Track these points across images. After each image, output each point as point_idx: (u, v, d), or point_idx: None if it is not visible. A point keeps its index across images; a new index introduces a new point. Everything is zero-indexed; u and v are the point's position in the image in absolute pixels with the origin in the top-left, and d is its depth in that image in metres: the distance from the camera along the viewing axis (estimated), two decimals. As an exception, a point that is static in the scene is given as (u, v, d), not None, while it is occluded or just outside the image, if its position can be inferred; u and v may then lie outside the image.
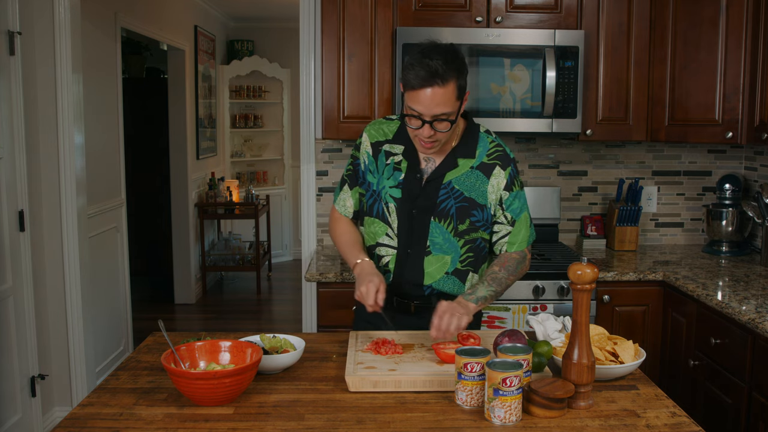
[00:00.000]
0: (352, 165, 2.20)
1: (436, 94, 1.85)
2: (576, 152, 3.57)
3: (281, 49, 7.91)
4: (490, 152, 2.06)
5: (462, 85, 1.90)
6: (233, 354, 1.74)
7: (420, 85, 1.85)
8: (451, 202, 2.04)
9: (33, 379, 3.34)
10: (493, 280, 2.03)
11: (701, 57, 3.08)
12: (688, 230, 3.65)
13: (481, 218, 2.06)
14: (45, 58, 3.42)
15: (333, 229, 2.25)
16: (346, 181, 2.22)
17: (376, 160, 2.12)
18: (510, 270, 2.07)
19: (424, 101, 1.86)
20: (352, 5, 3.09)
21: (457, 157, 2.05)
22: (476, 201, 2.05)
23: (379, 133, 2.13)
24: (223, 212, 6.65)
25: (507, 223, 2.08)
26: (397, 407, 1.61)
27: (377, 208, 2.12)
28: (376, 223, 2.13)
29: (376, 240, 2.13)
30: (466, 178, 2.05)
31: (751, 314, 2.30)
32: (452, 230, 2.05)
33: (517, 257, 2.10)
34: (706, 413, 2.61)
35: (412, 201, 2.06)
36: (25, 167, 3.25)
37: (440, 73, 1.83)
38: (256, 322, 5.83)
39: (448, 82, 1.85)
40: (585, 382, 1.60)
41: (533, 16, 3.12)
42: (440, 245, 2.07)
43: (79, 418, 1.56)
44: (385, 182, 2.10)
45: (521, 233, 2.09)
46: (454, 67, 1.86)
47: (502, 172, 2.05)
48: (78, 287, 3.61)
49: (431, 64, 1.83)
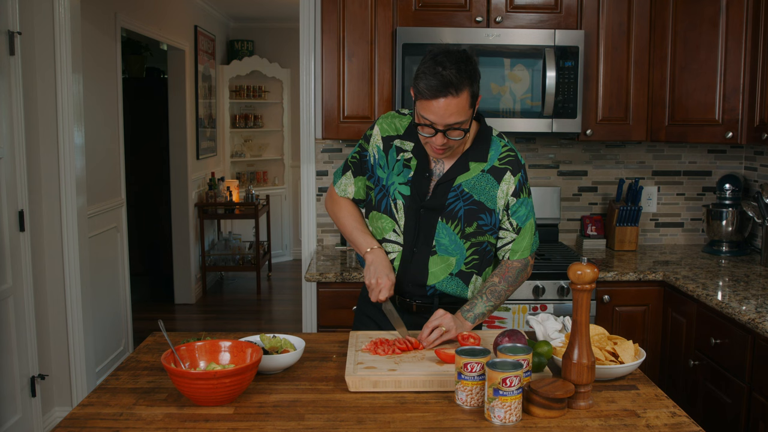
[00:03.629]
0: (358, 154, 2.16)
1: (450, 105, 1.82)
2: (576, 152, 3.57)
3: (281, 49, 7.91)
4: (502, 156, 2.04)
5: (475, 92, 1.87)
6: (233, 354, 1.74)
7: (433, 96, 1.82)
8: (459, 204, 2.03)
9: (33, 379, 3.34)
10: (492, 293, 2.03)
11: (701, 57, 3.08)
12: (688, 230, 3.65)
13: (488, 222, 2.05)
14: (45, 58, 3.42)
15: (334, 209, 2.21)
16: (350, 167, 2.18)
17: (387, 154, 2.10)
18: (510, 281, 2.07)
19: (438, 111, 1.84)
20: (352, 5, 3.09)
21: (469, 160, 2.03)
22: (485, 205, 2.04)
23: (390, 128, 2.10)
24: (223, 212, 6.65)
25: (512, 230, 2.07)
26: (397, 407, 1.61)
27: (385, 203, 2.10)
28: (383, 218, 2.11)
29: (383, 236, 2.12)
30: (476, 181, 2.03)
31: (751, 314, 2.30)
32: (459, 232, 2.04)
33: (519, 266, 2.09)
34: (706, 413, 2.61)
35: (421, 200, 2.05)
36: (25, 167, 3.25)
37: (454, 83, 1.80)
38: (256, 322, 5.83)
39: (462, 92, 1.82)
40: (585, 382, 1.60)
41: (533, 16, 3.12)
42: (446, 246, 2.06)
43: (79, 418, 1.56)
44: (395, 178, 2.08)
45: (525, 241, 2.08)
46: (467, 75, 1.83)
47: (512, 178, 2.03)
48: (78, 287, 3.60)
49: (444, 74, 1.79)
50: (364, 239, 2.10)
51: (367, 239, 2.10)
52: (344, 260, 3.18)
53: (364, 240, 2.10)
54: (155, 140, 6.51)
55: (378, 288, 1.99)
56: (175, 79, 6.03)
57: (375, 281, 1.99)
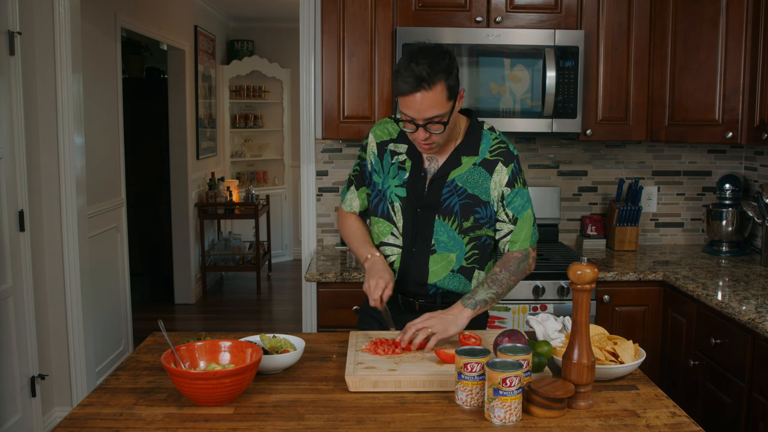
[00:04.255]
0: (358, 166, 2.20)
1: (425, 98, 1.86)
2: (576, 152, 3.57)
3: (281, 49, 7.91)
4: (493, 149, 2.06)
5: (452, 84, 1.89)
6: (233, 354, 1.74)
7: (408, 91, 1.86)
8: (454, 200, 2.05)
9: (33, 379, 3.34)
10: (494, 281, 2.03)
11: (701, 57, 3.08)
12: (688, 230, 3.65)
13: (484, 215, 2.06)
14: (45, 58, 3.42)
15: (342, 225, 2.27)
16: (353, 181, 2.23)
17: (382, 159, 2.13)
18: (511, 270, 2.06)
19: (414, 106, 1.88)
20: (352, 5, 3.09)
21: (461, 155, 2.05)
22: (479, 198, 2.05)
23: (384, 133, 2.14)
24: (223, 212, 6.65)
25: (509, 221, 2.07)
26: (397, 407, 1.61)
27: (382, 207, 2.13)
28: (380, 222, 2.14)
29: (381, 239, 2.14)
30: (469, 175, 2.05)
31: (751, 314, 2.30)
32: (457, 228, 2.06)
33: (519, 256, 2.09)
34: (706, 413, 2.61)
35: (417, 200, 2.07)
36: (25, 167, 3.25)
37: (425, 77, 1.84)
38: (256, 322, 5.83)
39: (435, 85, 1.85)
40: (585, 382, 1.60)
41: (533, 16, 3.12)
42: (445, 243, 2.07)
43: (79, 418, 1.56)
44: (391, 182, 2.10)
45: (523, 231, 2.08)
46: (441, 69, 1.86)
47: (504, 169, 2.05)
48: (78, 287, 3.60)
49: (416, 69, 1.84)
50: (364, 249, 2.13)
51: (366, 248, 2.13)
52: (344, 260, 3.18)
53: (364, 249, 2.13)
54: (155, 140, 6.51)
55: (377, 289, 1.98)
56: (175, 79, 6.03)
57: (373, 282, 1.99)
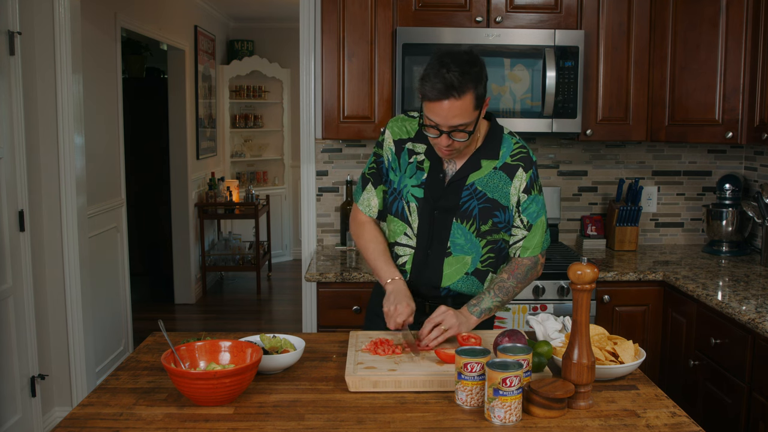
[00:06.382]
0: (375, 163, 2.15)
1: (453, 107, 1.82)
2: (576, 152, 3.57)
3: (281, 49, 7.91)
4: (514, 153, 2.04)
5: (480, 94, 1.86)
6: (233, 354, 1.74)
7: (436, 98, 1.82)
8: (474, 203, 2.03)
9: (33, 379, 3.34)
10: (500, 289, 2.02)
11: (701, 57, 3.08)
12: (688, 230, 3.65)
13: (503, 219, 2.05)
14: (45, 58, 3.42)
15: (358, 234, 2.18)
16: (369, 179, 2.15)
17: (399, 158, 2.09)
18: (519, 278, 2.06)
19: (441, 113, 1.84)
20: (352, 5, 3.09)
21: (481, 158, 2.03)
22: (499, 202, 2.03)
23: (402, 131, 2.10)
24: (223, 212, 6.65)
25: (523, 227, 2.06)
26: (397, 407, 1.61)
27: (397, 206, 2.09)
28: (395, 221, 2.10)
29: (395, 239, 2.11)
30: (489, 179, 2.03)
31: (751, 314, 2.30)
32: (475, 231, 2.04)
33: (529, 263, 2.08)
34: (706, 413, 2.61)
35: (434, 201, 2.04)
36: (25, 167, 3.25)
37: (456, 85, 1.80)
38: (256, 322, 5.83)
39: (465, 94, 1.82)
40: (585, 382, 1.60)
41: (533, 16, 3.12)
42: (461, 246, 2.05)
43: (79, 418, 1.56)
44: (407, 181, 2.07)
45: (536, 238, 2.07)
46: (471, 78, 1.82)
47: (524, 174, 2.03)
48: (78, 287, 3.60)
49: (447, 77, 1.79)
50: (387, 269, 2.08)
51: (390, 269, 2.07)
52: (344, 260, 3.19)
53: (387, 270, 2.07)
54: (155, 140, 6.51)
55: (396, 314, 1.95)
56: (175, 79, 6.03)
57: (394, 308, 1.96)
